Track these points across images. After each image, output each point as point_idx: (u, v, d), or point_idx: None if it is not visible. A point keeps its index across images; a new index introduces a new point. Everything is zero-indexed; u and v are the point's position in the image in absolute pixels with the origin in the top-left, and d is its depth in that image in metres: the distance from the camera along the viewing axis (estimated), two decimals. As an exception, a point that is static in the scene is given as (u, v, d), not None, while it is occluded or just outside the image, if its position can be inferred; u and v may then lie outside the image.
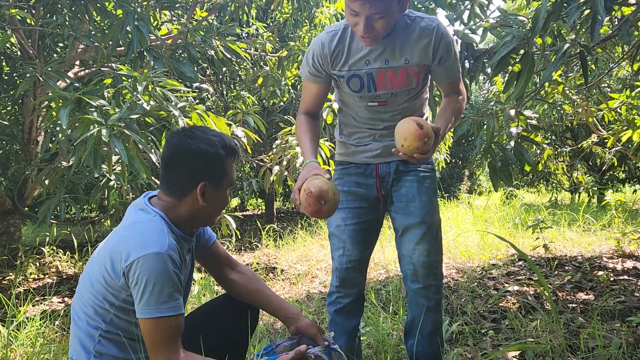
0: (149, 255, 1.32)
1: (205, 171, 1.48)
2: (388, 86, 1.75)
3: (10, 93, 5.18)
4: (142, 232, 1.40)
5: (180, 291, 1.39)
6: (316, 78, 1.82)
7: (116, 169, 3.48)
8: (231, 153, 1.53)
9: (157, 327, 1.33)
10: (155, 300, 1.32)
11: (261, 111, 7.50)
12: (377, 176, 1.86)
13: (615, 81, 6.35)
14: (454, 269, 4.01)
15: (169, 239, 1.39)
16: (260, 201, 13.19)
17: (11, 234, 4.71)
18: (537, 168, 7.80)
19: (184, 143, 1.47)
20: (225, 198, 1.56)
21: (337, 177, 1.94)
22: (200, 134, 1.49)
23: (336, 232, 1.89)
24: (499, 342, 2.37)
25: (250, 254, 5.46)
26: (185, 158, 1.47)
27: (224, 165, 1.51)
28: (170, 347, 1.35)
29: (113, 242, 1.43)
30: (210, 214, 1.54)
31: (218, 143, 1.49)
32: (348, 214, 1.86)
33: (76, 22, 3.78)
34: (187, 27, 4.06)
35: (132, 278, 1.33)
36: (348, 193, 1.88)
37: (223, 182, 1.52)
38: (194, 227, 1.56)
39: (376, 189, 1.87)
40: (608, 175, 10.21)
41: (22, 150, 4.81)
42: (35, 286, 4.02)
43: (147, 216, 1.45)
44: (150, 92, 2.92)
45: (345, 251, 1.86)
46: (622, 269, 3.64)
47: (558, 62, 2.50)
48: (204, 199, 1.48)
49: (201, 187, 1.47)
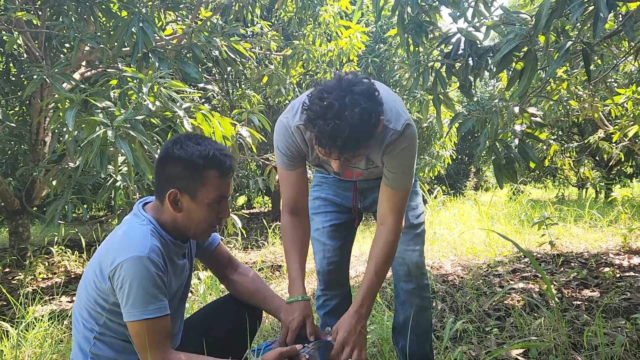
0: (129, 259, 1.35)
1: (178, 179, 1.45)
2: (354, 175, 1.84)
3: (17, 94, 5.24)
4: (125, 236, 1.43)
5: (164, 293, 1.41)
6: (293, 165, 1.70)
7: (122, 169, 3.51)
8: (214, 165, 1.45)
9: (144, 329, 1.35)
10: (139, 303, 1.35)
11: (266, 110, 7.52)
12: (354, 190, 1.92)
13: (621, 76, 6.31)
14: (460, 266, 4.01)
15: (151, 243, 1.40)
16: (266, 199, 13.23)
17: (20, 234, 4.76)
18: (543, 165, 7.77)
19: (169, 148, 1.47)
20: (205, 213, 1.48)
21: (316, 183, 2.01)
22: (189, 142, 1.46)
23: (316, 236, 1.94)
24: (503, 340, 2.37)
25: (257, 252, 5.49)
26: (164, 163, 1.47)
27: (202, 175, 1.45)
28: (159, 348, 1.37)
29: (103, 247, 1.46)
30: (189, 226, 1.49)
31: (198, 152, 1.44)
32: (325, 217, 1.94)
33: (82, 24, 3.80)
34: (191, 27, 4.08)
35: (116, 282, 1.36)
36: (325, 199, 1.95)
37: (198, 193, 1.45)
38: (182, 235, 1.54)
39: (352, 204, 1.93)
40: (615, 171, 10.16)
41: (30, 151, 4.86)
42: (44, 286, 4.06)
43: (136, 221, 1.48)
44: (156, 93, 2.95)
45: (326, 253, 1.92)
46: (629, 265, 3.63)
47: (561, 60, 2.49)
48: (176, 208, 1.47)
49: (170, 194, 1.45)
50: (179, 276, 1.57)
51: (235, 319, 1.73)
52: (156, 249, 1.40)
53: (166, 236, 1.49)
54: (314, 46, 5.83)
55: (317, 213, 1.95)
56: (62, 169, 3.82)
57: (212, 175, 1.46)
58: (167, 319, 1.40)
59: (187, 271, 1.63)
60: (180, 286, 1.60)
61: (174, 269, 1.52)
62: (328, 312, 1.98)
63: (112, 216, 4.72)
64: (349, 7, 5.97)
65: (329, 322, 1.96)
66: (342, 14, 5.97)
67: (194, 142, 1.47)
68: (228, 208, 1.56)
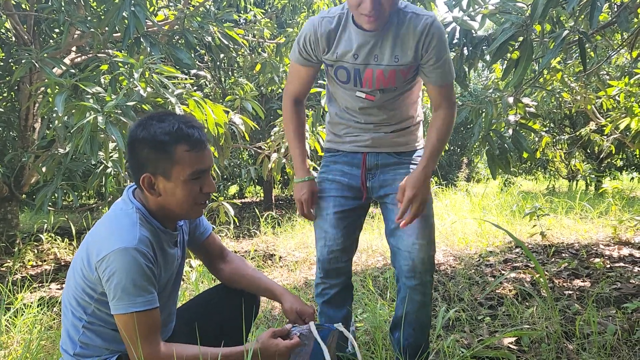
0: (117, 251, 1.29)
1: (147, 161, 1.38)
2: (375, 84, 1.72)
3: (6, 79, 5.15)
4: (113, 226, 1.37)
5: (154, 285, 1.36)
6: (306, 62, 1.78)
7: (113, 155, 3.47)
8: (181, 139, 1.37)
9: (133, 322, 1.30)
10: (127, 296, 1.29)
11: (259, 98, 7.47)
12: (363, 166, 1.83)
13: (614, 68, 6.33)
14: (452, 256, 4.03)
15: (140, 233, 1.35)
16: (258, 188, 13.19)
17: (9, 221, 4.71)
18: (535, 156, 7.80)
19: (132, 132, 1.40)
20: (185, 191, 1.40)
21: (324, 164, 1.93)
22: (152, 122, 1.39)
23: (318, 222, 1.87)
24: (495, 329, 2.38)
25: (249, 241, 5.48)
26: (132, 148, 1.40)
27: (170, 153, 1.36)
28: (148, 341, 1.32)
29: (91, 235, 1.41)
30: (173, 208, 1.43)
31: (161, 129, 1.36)
32: (330, 202, 1.84)
33: (72, 8, 3.74)
34: (184, 12, 4.02)
35: (103, 274, 1.31)
36: (332, 181, 1.86)
37: (172, 172, 1.37)
38: (171, 220, 1.48)
39: (361, 180, 1.84)
40: (606, 163, 10.24)
41: (19, 137, 4.79)
42: (33, 273, 4.03)
43: (125, 208, 1.42)
44: (147, 79, 2.90)
45: (327, 241, 1.84)
46: (619, 256, 3.66)
47: (557, 49, 2.49)
48: (153, 192, 1.40)
49: (143, 179, 1.39)
50: (170, 265, 1.51)
51: (230, 306, 1.71)
52: (145, 239, 1.35)
53: (155, 224, 1.43)
54: (307, 34, 5.77)
55: (322, 197, 1.86)
56: (51, 155, 3.76)
57: (181, 150, 1.37)
58: (157, 312, 1.35)
59: (178, 259, 1.58)
60: (172, 275, 1.55)
61: (164, 259, 1.47)
62: (327, 302, 1.91)
63: (103, 203, 4.68)
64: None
65: (328, 312, 1.91)
66: (335, 2, 5.93)
67: (156, 120, 1.39)
68: (212, 181, 1.47)
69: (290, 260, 4.22)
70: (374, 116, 1.80)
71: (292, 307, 1.66)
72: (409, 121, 1.85)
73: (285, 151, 4.43)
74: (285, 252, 4.67)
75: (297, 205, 1.87)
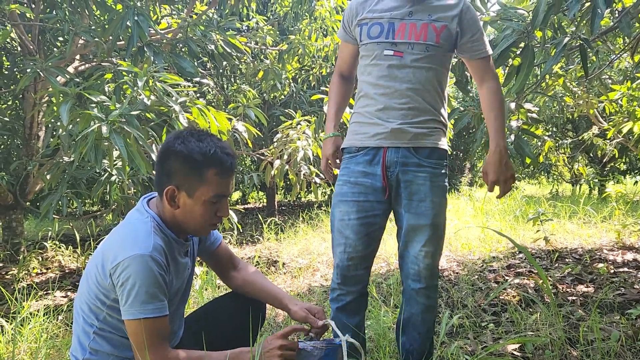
0: (132, 257, 1.33)
1: (176, 175, 1.43)
2: (407, 36, 1.76)
3: (11, 88, 5.18)
4: (128, 233, 1.41)
5: (165, 293, 1.39)
6: (348, 37, 1.93)
7: (117, 163, 3.49)
8: (214, 164, 1.42)
9: (142, 329, 1.33)
10: (139, 302, 1.33)
11: (262, 105, 7.49)
12: (383, 164, 1.77)
13: (616, 73, 6.33)
14: (455, 262, 4.03)
15: (154, 241, 1.38)
16: (261, 194, 13.21)
17: (13, 229, 4.73)
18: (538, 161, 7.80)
19: (170, 143, 1.44)
20: (202, 211, 1.46)
21: (344, 166, 1.87)
22: (191, 138, 1.43)
23: (339, 227, 1.82)
24: (499, 335, 2.38)
25: (252, 248, 5.48)
26: (164, 158, 1.45)
27: (200, 173, 1.42)
28: (156, 347, 1.35)
29: (106, 242, 1.45)
30: (188, 223, 1.48)
31: (199, 149, 1.41)
32: (352, 207, 1.79)
33: (76, 17, 3.77)
34: (187, 21, 4.05)
35: (117, 279, 1.34)
36: (354, 184, 1.80)
37: (196, 190, 1.43)
38: (183, 231, 1.52)
39: (382, 177, 1.77)
40: (609, 167, 10.21)
41: (24, 145, 4.82)
42: (38, 281, 4.04)
43: (140, 217, 1.47)
44: (151, 87, 2.93)
45: (347, 247, 1.81)
46: (623, 261, 3.65)
47: (558, 56, 2.50)
48: (173, 204, 1.45)
49: (167, 190, 1.43)
50: (181, 274, 1.55)
51: (237, 314, 1.72)
52: (159, 248, 1.39)
53: (169, 233, 1.48)
54: (309, 41, 5.80)
55: (344, 201, 1.80)
56: (56, 163, 3.79)
57: (211, 173, 1.43)
58: (166, 320, 1.38)
59: (188, 269, 1.61)
60: (182, 285, 1.58)
61: (176, 268, 1.50)
62: (341, 308, 1.88)
63: (107, 211, 4.69)
64: (344, 2, 5.95)
65: (341, 318, 1.87)
66: (338, 9, 5.95)
67: (196, 138, 1.44)
68: (227, 207, 1.52)
69: (294, 267, 4.23)
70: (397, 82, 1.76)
71: (301, 307, 1.66)
72: (431, 113, 1.80)
73: (288, 157, 4.44)
74: (288, 258, 4.68)
75: (322, 162, 2.00)
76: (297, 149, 4.23)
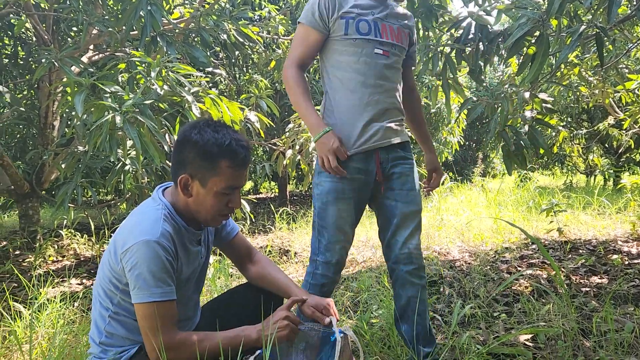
0: (139, 243, 1.37)
1: (191, 164, 1.44)
2: (389, 37, 1.87)
3: (26, 78, 5.24)
4: (138, 220, 1.45)
5: (172, 278, 1.42)
6: (320, 26, 1.83)
7: (131, 153, 3.52)
8: (228, 155, 1.43)
9: (151, 312, 1.37)
10: (146, 285, 1.36)
11: (274, 95, 7.49)
12: (377, 160, 1.86)
13: (633, 62, 6.23)
14: (467, 252, 4.02)
15: (162, 227, 1.41)
16: (273, 184, 13.25)
17: (30, 217, 4.80)
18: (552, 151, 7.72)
19: (186, 132, 1.46)
20: (214, 201, 1.47)
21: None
22: (207, 129, 1.45)
23: (339, 224, 1.85)
24: (511, 326, 2.38)
25: (264, 237, 5.52)
26: (180, 147, 1.47)
27: (214, 164, 1.43)
28: (164, 330, 1.38)
29: (120, 229, 1.49)
30: (200, 212, 1.50)
31: (214, 139, 1.43)
32: (351, 204, 1.85)
33: (90, 7, 3.79)
34: (199, 10, 4.06)
35: (127, 264, 1.38)
36: (351, 180, 1.83)
37: (209, 180, 1.45)
38: (194, 220, 1.54)
39: (377, 173, 1.87)
40: (624, 158, 10.07)
41: (39, 134, 4.88)
42: (54, 268, 4.11)
43: (152, 205, 1.50)
44: (164, 77, 2.94)
45: (346, 243, 1.90)
46: (637, 252, 3.62)
47: (574, 45, 2.46)
48: (186, 192, 1.47)
49: (181, 179, 1.46)
50: (193, 262, 1.58)
51: (252, 306, 1.73)
52: (167, 234, 1.42)
53: (180, 222, 1.50)
54: (322, 30, 5.76)
55: (343, 199, 1.83)
56: (71, 152, 3.83)
57: (225, 165, 1.44)
58: (173, 304, 1.41)
59: (202, 258, 1.64)
60: (194, 272, 1.61)
61: (186, 255, 1.53)
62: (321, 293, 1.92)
63: (121, 200, 4.74)
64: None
65: None
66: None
67: (212, 128, 1.45)
68: (239, 198, 1.53)
69: (305, 256, 4.25)
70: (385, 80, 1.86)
71: (308, 304, 1.67)
72: (401, 113, 1.97)
73: (300, 147, 4.45)
74: (300, 248, 4.70)
75: (328, 159, 1.77)
76: (309, 139, 4.23)
